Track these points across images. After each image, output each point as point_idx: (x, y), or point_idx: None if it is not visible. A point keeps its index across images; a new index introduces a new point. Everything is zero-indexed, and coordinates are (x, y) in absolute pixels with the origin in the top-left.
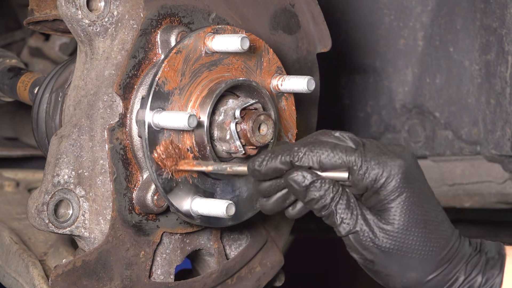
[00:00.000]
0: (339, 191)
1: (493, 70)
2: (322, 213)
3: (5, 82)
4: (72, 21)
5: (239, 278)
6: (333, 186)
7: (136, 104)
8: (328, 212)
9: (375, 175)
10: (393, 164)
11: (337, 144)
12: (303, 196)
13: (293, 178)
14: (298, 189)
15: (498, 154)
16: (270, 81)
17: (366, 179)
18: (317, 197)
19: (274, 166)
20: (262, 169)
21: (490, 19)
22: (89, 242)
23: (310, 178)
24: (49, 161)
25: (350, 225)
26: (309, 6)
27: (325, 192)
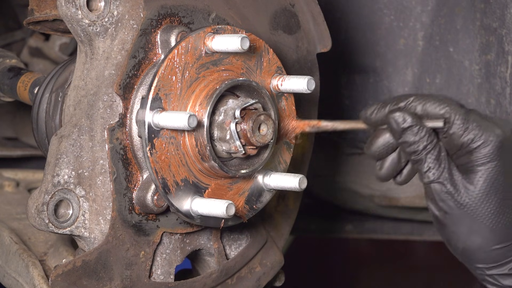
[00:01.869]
0: (433, 141)
1: (493, 70)
2: (412, 157)
3: (5, 82)
4: (72, 21)
5: (239, 278)
6: (428, 135)
7: (136, 104)
8: (417, 158)
9: (474, 135)
10: (493, 131)
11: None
12: (399, 137)
13: (394, 117)
14: (396, 129)
15: None
16: (270, 81)
17: (465, 137)
18: (411, 141)
19: (383, 114)
20: (372, 117)
21: (490, 19)
22: (89, 242)
23: (410, 121)
24: (49, 161)
25: (436, 175)
26: (309, 6)
27: (420, 139)
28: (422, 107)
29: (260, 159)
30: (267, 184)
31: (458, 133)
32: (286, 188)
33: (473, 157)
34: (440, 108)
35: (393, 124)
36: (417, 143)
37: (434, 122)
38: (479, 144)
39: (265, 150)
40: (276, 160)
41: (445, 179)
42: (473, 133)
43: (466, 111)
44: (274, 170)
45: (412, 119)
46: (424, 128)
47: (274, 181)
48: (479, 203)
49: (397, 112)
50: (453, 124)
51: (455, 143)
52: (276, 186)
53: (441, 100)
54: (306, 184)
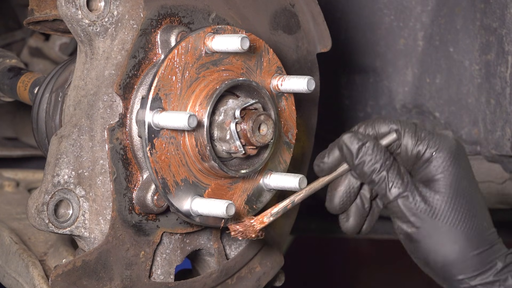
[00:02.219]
0: (391, 157)
1: (493, 70)
2: (373, 176)
3: (5, 82)
4: (72, 21)
5: (239, 278)
6: (384, 152)
7: (136, 104)
8: (379, 177)
9: (428, 141)
10: (445, 137)
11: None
12: (355, 157)
13: (344, 140)
14: (351, 148)
15: (498, 154)
16: (270, 81)
17: (419, 145)
18: (368, 159)
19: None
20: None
21: (490, 19)
22: (89, 242)
23: (363, 138)
24: (49, 161)
25: (401, 188)
26: (309, 6)
27: (377, 155)
28: (371, 128)
29: (260, 159)
30: (267, 184)
31: (411, 143)
32: (286, 188)
33: (432, 165)
34: (389, 124)
35: (348, 145)
36: (375, 160)
37: (387, 138)
38: (435, 149)
39: (265, 150)
40: (276, 160)
41: (411, 191)
42: (426, 139)
43: (415, 124)
44: (274, 170)
45: (363, 136)
46: (378, 144)
47: (274, 181)
48: (450, 209)
49: (346, 134)
50: (404, 134)
51: (410, 155)
52: (276, 186)
53: (388, 118)
54: (306, 184)
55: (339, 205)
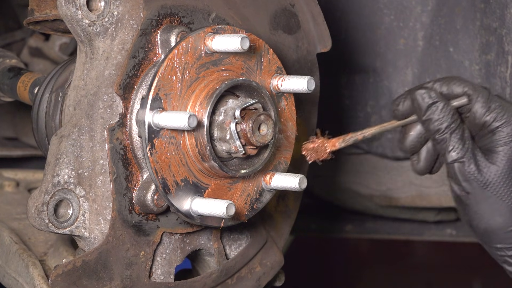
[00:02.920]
0: (457, 120)
1: (493, 70)
2: (436, 136)
3: (5, 82)
4: (72, 21)
5: (239, 278)
6: (453, 114)
7: (136, 104)
8: (441, 137)
9: (496, 114)
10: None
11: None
12: (423, 114)
13: (419, 93)
14: (421, 104)
15: None
16: (270, 81)
17: (487, 116)
18: (435, 118)
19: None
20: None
21: (490, 19)
22: (89, 242)
23: (435, 97)
24: (49, 161)
25: (460, 154)
26: (309, 6)
27: (444, 116)
28: (447, 87)
29: (260, 159)
30: (267, 184)
31: (481, 112)
32: (286, 188)
33: (495, 137)
34: (464, 87)
35: (419, 100)
36: (441, 121)
37: (458, 100)
38: (501, 123)
39: (265, 150)
40: (276, 160)
41: (469, 158)
42: (495, 111)
43: (488, 91)
44: (274, 170)
45: (436, 95)
46: (448, 105)
47: (274, 181)
48: (502, 182)
49: (422, 89)
50: (475, 102)
51: (477, 122)
52: (276, 186)
53: (463, 80)
54: (306, 184)
55: (409, 147)
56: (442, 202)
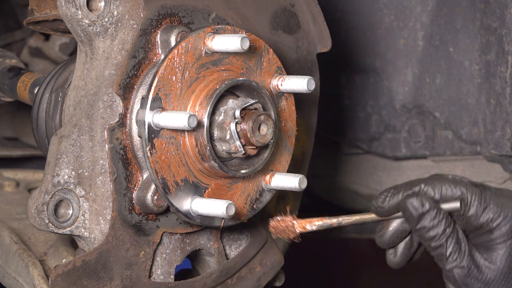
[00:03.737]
0: (451, 224)
1: (493, 70)
2: (432, 243)
3: (5, 82)
4: (72, 21)
5: (239, 278)
6: (446, 219)
7: (136, 104)
8: (438, 244)
9: (492, 214)
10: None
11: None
12: (416, 222)
13: (411, 202)
14: (414, 214)
15: (498, 154)
16: (270, 81)
17: (483, 217)
18: (430, 225)
19: (397, 200)
20: (385, 205)
21: (490, 19)
22: (89, 242)
23: (428, 205)
24: (49, 161)
25: (458, 260)
26: (309, 6)
27: (438, 223)
28: (438, 190)
29: (260, 159)
30: (267, 184)
31: (477, 215)
32: (286, 188)
33: (493, 236)
34: (456, 190)
35: (411, 210)
36: (436, 228)
37: (450, 204)
38: (499, 222)
39: (265, 150)
40: (276, 160)
41: (468, 262)
42: (491, 212)
43: (481, 190)
44: (274, 170)
45: (429, 203)
46: (441, 211)
47: (274, 181)
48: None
49: (413, 197)
50: (470, 206)
51: (473, 224)
52: (276, 186)
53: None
54: (306, 184)
55: (388, 243)
56: None
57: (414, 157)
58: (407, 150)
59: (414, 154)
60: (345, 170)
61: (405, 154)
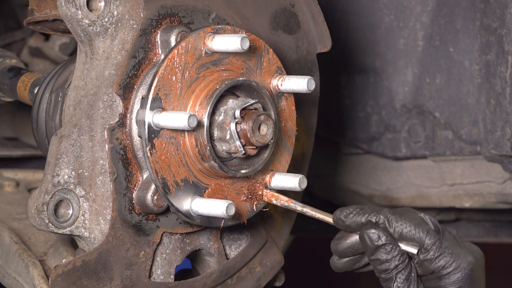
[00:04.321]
0: (405, 261)
1: (493, 70)
2: (382, 275)
3: (5, 82)
4: (72, 21)
5: (239, 278)
6: (401, 255)
7: (136, 104)
8: (387, 277)
9: (445, 262)
10: (465, 258)
11: (421, 222)
12: (371, 253)
13: (369, 234)
14: (370, 245)
15: (498, 154)
16: (270, 81)
17: (436, 264)
18: (383, 259)
19: (359, 221)
20: (347, 221)
21: (490, 19)
22: (89, 242)
23: (384, 240)
24: (49, 161)
25: None
26: (309, 6)
27: (392, 258)
28: (398, 229)
29: (260, 159)
30: (267, 184)
31: (431, 260)
32: (286, 188)
33: (442, 283)
34: (416, 233)
35: (367, 241)
36: (389, 262)
37: (408, 247)
38: (450, 270)
39: (265, 150)
40: (276, 160)
41: None
42: (444, 260)
43: (439, 238)
44: (274, 170)
45: (386, 238)
46: (396, 248)
47: (274, 181)
48: None
49: (372, 229)
50: (426, 251)
51: (426, 269)
52: (276, 186)
53: (417, 225)
54: (306, 184)
55: (340, 253)
56: (442, 202)
57: (414, 157)
58: (407, 150)
59: (414, 154)
60: (345, 170)
61: (405, 154)
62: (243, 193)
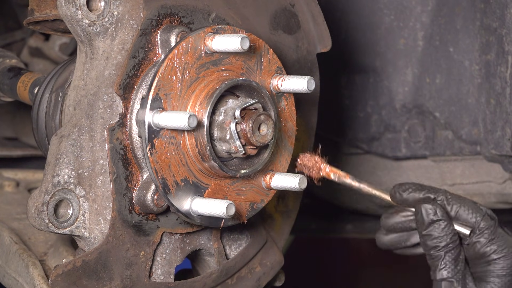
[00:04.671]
0: (456, 241)
1: (493, 70)
2: (431, 252)
3: (5, 82)
4: (72, 21)
5: (239, 278)
6: (453, 234)
7: (136, 104)
8: (436, 254)
9: (497, 246)
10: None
11: (478, 207)
12: (424, 228)
13: (426, 207)
14: (424, 219)
15: (498, 154)
16: (270, 81)
17: (488, 246)
18: (435, 235)
19: (417, 196)
20: (404, 195)
21: (490, 19)
22: (89, 242)
23: (440, 215)
24: (49, 161)
25: (450, 274)
26: (309, 6)
27: (445, 235)
28: (456, 208)
29: (260, 159)
30: (267, 184)
31: (483, 243)
32: (286, 188)
33: (490, 268)
34: (472, 216)
35: (423, 214)
36: (441, 239)
37: (462, 227)
38: (501, 256)
39: (265, 150)
40: (276, 160)
41: (458, 280)
42: (497, 244)
43: (495, 223)
44: (274, 170)
45: (442, 214)
46: (450, 226)
47: (274, 181)
48: None
49: (429, 204)
50: (479, 234)
51: (477, 251)
52: (276, 186)
53: (474, 208)
54: (306, 184)
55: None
56: None
57: (414, 157)
58: (407, 150)
59: (414, 154)
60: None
61: (405, 154)
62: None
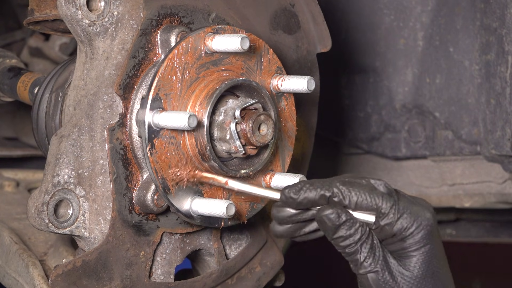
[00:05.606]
0: (366, 231)
1: (493, 70)
2: (347, 250)
3: (5, 82)
4: (72, 21)
5: (239, 278)
6: (361, 226)
7: (136, 104)
8: (352, 250)
9: (406, 223)
10: (424, 216)
11: (373, 188)
12: (333, 233)
13: (327, 216)
14: (330, 226)
15: (498, 154)
16: (270, 81)
17: (397, 226)
18: (346, 235)
19: (311, 197)
20: (298, 198)
21: (490, 19)
22: (89, 242)
23: (344, 217)
24: (49, 161)
25: (372, 265)
26: (309, 6)
27: (355, 232)
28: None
29: (260, 159)
30: (267, 184)
31: (391, 224)
32: None
33: (407, 244)
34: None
35: (327, 223)
36: (352, 236)
37: (365, 216)
38: (412, 231)
39: (265, 150)
40: (276, 160)
41: (382, 267)
42: (406, 220)
43: (395, 200)
44: (274, 170)
45: (345, 214)
46: (355, 223)
47: (274, 181)
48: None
49: (329, 209)
50: (385, 216)
51: (388, 232)
52: (276, 186)
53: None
54: None
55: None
56: (442, 202)
57: (414, 157)
58: (407, 150)
59: (414, 154)
60: (345, 170)
61: (405, 154)
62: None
